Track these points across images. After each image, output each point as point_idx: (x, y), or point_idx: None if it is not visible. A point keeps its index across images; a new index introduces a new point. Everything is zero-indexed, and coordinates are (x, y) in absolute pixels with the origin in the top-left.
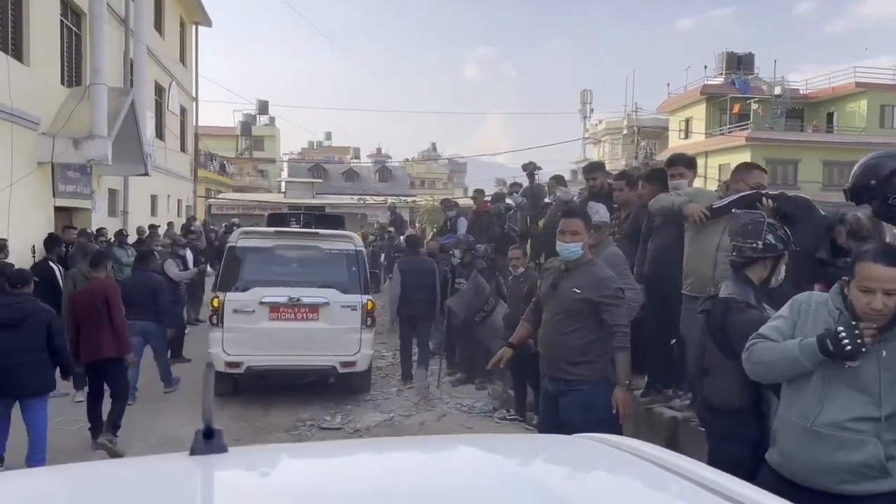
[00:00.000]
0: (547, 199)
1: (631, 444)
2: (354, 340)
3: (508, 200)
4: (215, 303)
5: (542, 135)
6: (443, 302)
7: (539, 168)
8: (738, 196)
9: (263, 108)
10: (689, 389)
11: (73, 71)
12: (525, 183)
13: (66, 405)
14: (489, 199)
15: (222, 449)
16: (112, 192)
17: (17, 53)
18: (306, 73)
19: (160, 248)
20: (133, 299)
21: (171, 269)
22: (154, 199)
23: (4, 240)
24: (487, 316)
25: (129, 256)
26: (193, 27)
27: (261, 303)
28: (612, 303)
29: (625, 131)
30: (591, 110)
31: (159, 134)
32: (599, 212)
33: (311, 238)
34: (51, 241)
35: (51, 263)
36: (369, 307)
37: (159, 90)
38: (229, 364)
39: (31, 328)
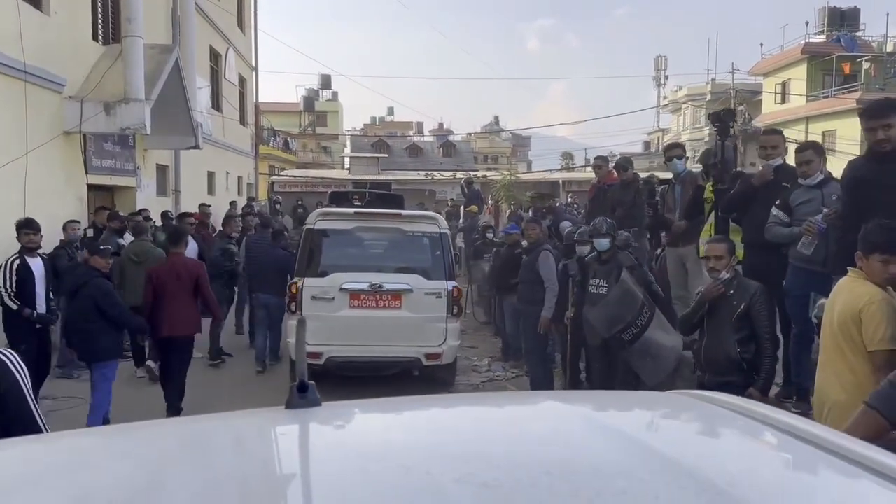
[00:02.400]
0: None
1: (726, 400)
2: (440, 330)
3: (676, 167)
4: (293, 289)
5: (606, 108)
6: (561, 311)
7: (735, 113)
8: None
9: (326, 82)
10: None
11: (108, 26)
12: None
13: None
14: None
15: (316, 403)
16: (161, 169)
17: (35, 0)
18: (367, 46)
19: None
20: (260, 274)
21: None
22: (211, 175)
23: (29, 220)
24: (640, 333)
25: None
26: None
27: (341, 289)
28: None
29: (708, 97)
30: (666, 77)
31: (216, 105)
32: None
33: (392, 219)
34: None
35: (27, 258)
36: (455, 294)
37: (215, 57)
38: (309, 354)
39: (84, 299)
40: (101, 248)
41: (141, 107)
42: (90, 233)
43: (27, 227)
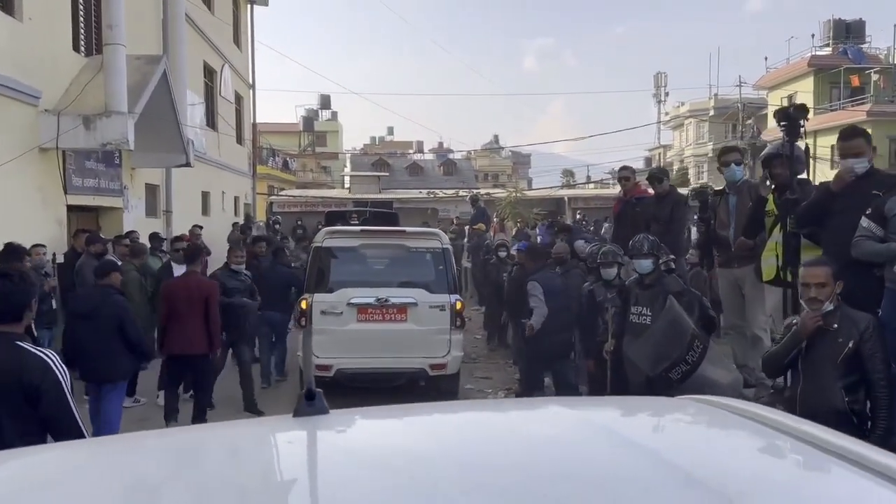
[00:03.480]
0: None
1: (736, 405)
2: (444, 342)
3: (733, 175)
4: (303, 304)
5: (605, 126)
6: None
7: (807, 110)
8: None
9: (325, 102)
10: None
11: (91, 35)
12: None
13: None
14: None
15: (324, 410)
16: (151, 188)
17: (6, 4)
18: (367, 67)
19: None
20: (266, 291)
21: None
22: (206, 195)
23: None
24: (692, 370)
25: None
26: (248, 6)
27: (349, 304)
28: None
29: (711, 112)
30: (667, 94)
31: (211, 122)
32: None
33: (396, 237)
34: (10, 254)
35: None
36: (458, 307)
37: (210, 73)
38: (319, 367)
39: (105, 318)
40: (113, 262)
41: (123, 120)
42: (59, 259)
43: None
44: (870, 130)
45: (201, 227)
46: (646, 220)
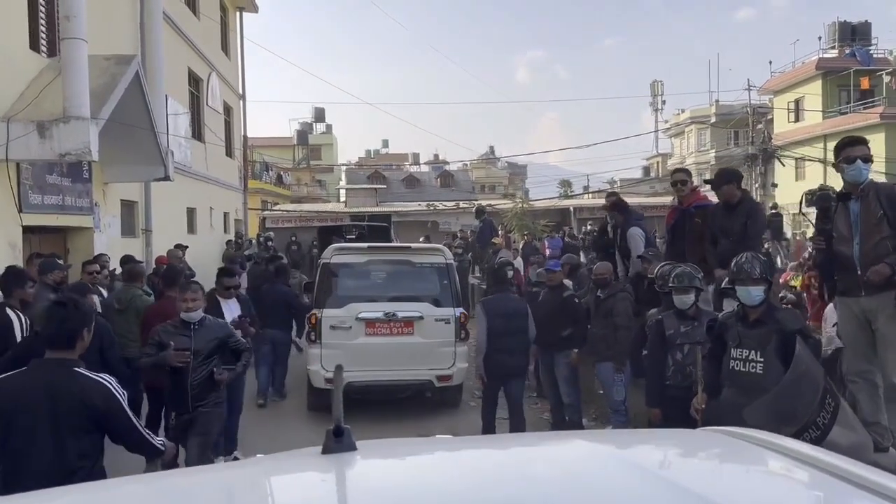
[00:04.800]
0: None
1: (759, 437)
2: (449, 354)
3: (858, 175)
4: (312, 319)
5: (601, 136)
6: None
7: None
8: None
9: (320, 115)
10: None
11: (54, 33)
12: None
13: None
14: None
15: (352, 447)
16: (128, 205)
17: None
18: (357, 81)
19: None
20: (266, 309)
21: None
22: (191, 212)
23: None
24: (823, 435)
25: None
26: (237, 13)
27: (357, 318)
28: None
29: (713, 119)
30: (664, 102)
31: (197, 134)
32: None
33: (402, 252)
34: (10, 279)
35: (8, 311)
36: (462, 320)
37: (195, 81)
38: (329, 381)
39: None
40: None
41: (85, 127)
42: None
43: None
44: (882, 133)
45: (185, 247)
46: (711, 234)
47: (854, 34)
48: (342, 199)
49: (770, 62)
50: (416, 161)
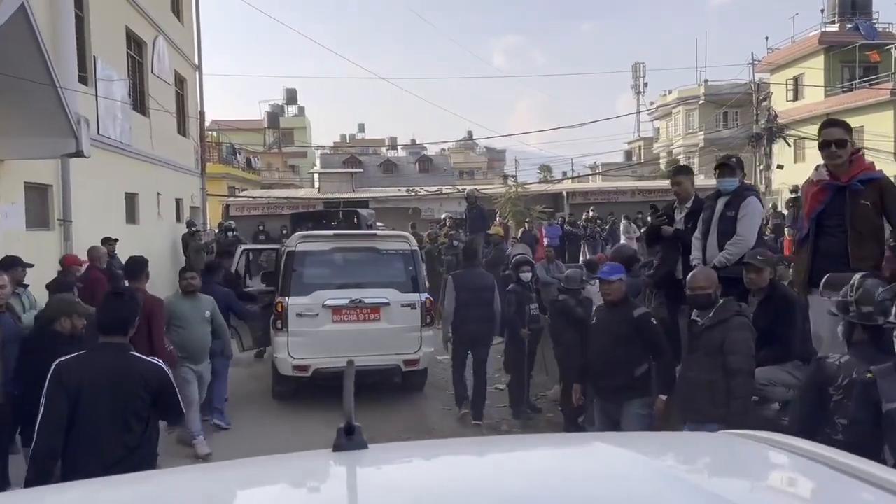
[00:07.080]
0: None
1: (779, 439)
2: (415, 339)
3: None
4: (279, 307)
5: (578, 120)
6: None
7: None
8: None
9: (292, 97)
10: None
11: None
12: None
13: None
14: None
15: (363, 445)
16: (37, 190)
17: None
18: (331, 69)
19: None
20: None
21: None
22: (132, 198)
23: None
24: None
25: (31, 308)
26: None
27: (324, 305)
28: None
29: (702, 99)
30: (646, 84)
31: (140, 106)
32: None
33: (367, 239)
34: None
35: None
36: (427, 305)
37: (136, 44)
38: (297, 367)
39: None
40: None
41: None
42: None
43: None
44: (891, 111)
45: (114, 240)
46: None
47: (854, 8)
48: (316, 184)
49: (766, 38)
50: (394, 145)
